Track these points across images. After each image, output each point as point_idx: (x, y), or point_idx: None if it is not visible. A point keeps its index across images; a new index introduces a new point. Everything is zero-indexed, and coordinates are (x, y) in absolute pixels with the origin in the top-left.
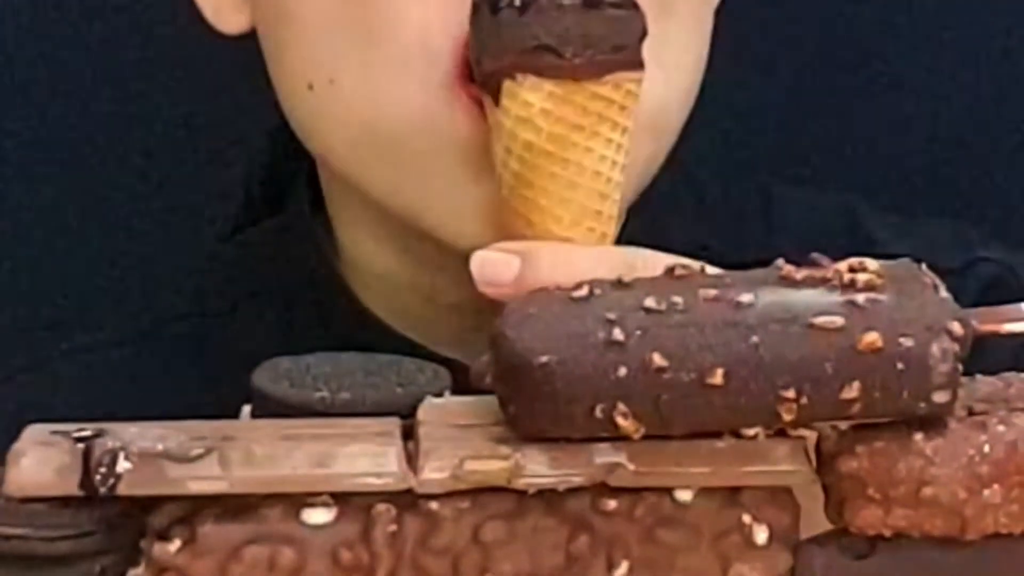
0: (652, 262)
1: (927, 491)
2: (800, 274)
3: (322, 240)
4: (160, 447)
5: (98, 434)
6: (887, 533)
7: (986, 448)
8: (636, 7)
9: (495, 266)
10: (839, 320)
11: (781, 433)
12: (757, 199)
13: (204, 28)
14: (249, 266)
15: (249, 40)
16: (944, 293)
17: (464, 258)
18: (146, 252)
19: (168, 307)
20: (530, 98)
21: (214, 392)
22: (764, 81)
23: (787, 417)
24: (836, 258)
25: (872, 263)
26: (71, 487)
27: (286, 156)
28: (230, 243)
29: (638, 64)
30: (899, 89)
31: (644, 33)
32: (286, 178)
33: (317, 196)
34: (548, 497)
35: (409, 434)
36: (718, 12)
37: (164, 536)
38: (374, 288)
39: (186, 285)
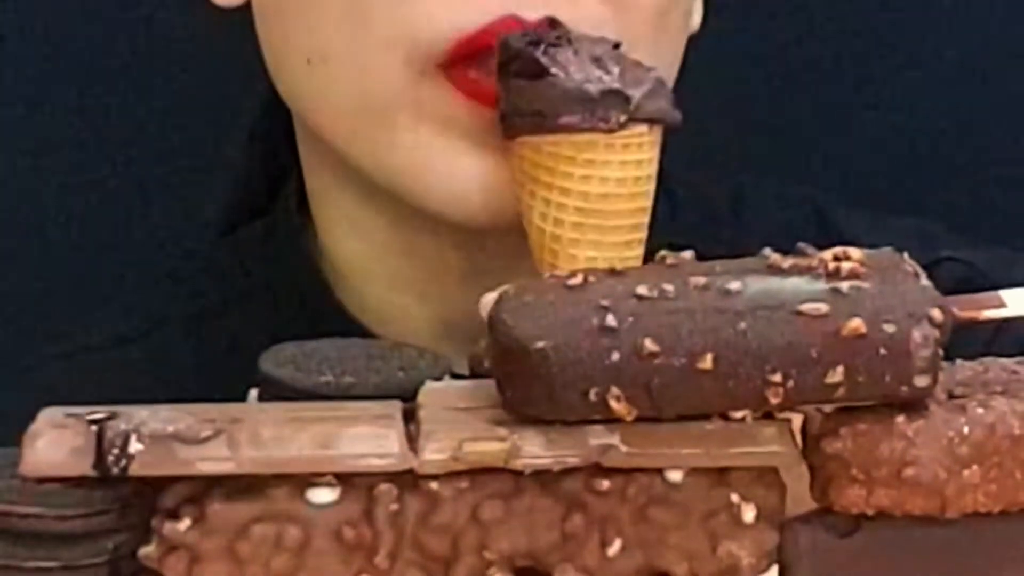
0: None
1: (909, 471)
2: (786, 262)
3: (307, 240)
4: (171, 429)
5: (111, 417)
6: (870, 512)
7: (965, 430)
8: (547, 73)
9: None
10: (824, 307)
11: (768, 416)
12: (728, 196)
13: (198, 25)
14: (239, 266)
15: (244, 40)
16: (925, 281)
17: (444, 257)
18: (139, 254)
19: (161, 308)
20: None
21: (207, 391)
22: (740, 80)
23: (774, 400)
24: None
25: (856, 252)
26: (85, 468)
27: (275, 157)
28: (221, 244)
29: (554, 129)
30: (875, 90)
31: (576, 96)
32: (274, 178)
33: (303, 196)
34: (544, 477)
35: (410, 417)
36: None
37: (174, 515)
38: (356, 287)
39: (178, 286)
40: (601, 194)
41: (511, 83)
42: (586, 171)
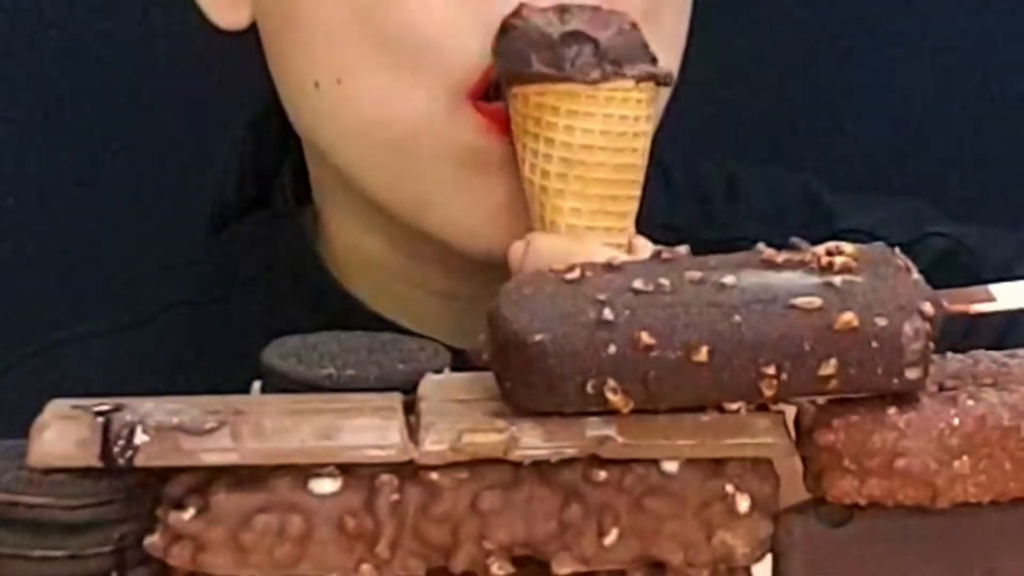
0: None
1: (900, 462)
2: (780, 257)
3: (308, 230)
4: (175, 420)
5: (117, 408)
6: (862, 502)
7: (956, 421)
8: (513, 28)
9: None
10: (817, 301)
11: (762, 408)
12: (722, 180)
13: (197, 24)
14: (240, 256)
15: (240, 36)
16: (916, 275)
17: (454, 259)
18: (142, 244)
19: (164, 296)
20: None
21: (208, 376)
22: (737, 74)
23: (768, 392)
24: (797, 232)
25: (848, 247)
26: (91, 458)
27: (272, 148)
28: (223, 234)
29: (531, 78)
30: (874, 83)
31: (537, 40)
32: (273, 170)
33: (305, 187)
34: (542, 468)
35: (410, 408)
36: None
37: (179, 505)
38: (362, 276)
39: (181, 275)
40: (584, 145)
41: (495, 48)
42: (568, 121)
